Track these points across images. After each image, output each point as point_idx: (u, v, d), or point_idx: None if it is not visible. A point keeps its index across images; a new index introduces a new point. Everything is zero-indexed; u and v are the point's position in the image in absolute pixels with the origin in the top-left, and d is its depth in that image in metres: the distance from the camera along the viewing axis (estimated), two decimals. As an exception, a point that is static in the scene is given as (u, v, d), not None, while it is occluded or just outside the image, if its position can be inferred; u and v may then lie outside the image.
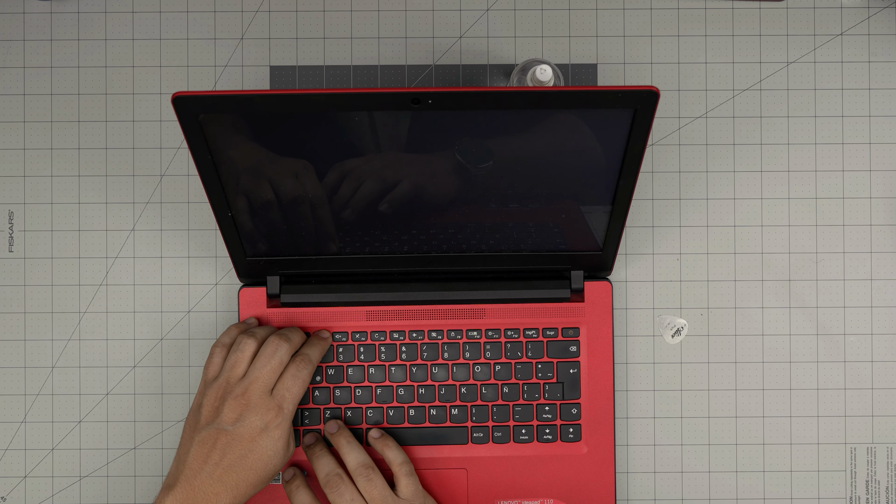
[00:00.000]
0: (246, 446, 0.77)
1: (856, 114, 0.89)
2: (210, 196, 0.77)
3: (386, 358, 0.86)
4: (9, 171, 0.88)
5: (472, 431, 0.86)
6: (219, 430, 0.77)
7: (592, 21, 0.89)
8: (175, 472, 0.77)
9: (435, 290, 0.86)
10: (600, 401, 0.86)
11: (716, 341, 0.88)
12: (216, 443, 0.77)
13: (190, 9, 0.89)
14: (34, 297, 0.88)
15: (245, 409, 0.78)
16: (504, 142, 0.74)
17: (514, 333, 0.86)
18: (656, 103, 0.70)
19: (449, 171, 0.76)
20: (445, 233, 0.82)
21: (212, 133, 0.73)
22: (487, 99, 0.70)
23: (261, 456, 0.77)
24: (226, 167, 0.75)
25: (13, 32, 0.89)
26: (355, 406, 0.86)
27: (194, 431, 0.78)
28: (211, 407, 0.79)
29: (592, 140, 0.74)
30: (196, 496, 0.75)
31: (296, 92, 0.70)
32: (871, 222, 0.89)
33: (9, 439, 0.88)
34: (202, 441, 0.77)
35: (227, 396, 0.78)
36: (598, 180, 0.77)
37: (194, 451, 0.77)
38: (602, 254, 0.83)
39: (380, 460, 0.84)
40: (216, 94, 0.70)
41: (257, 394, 0.78)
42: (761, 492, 0.88)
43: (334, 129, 0.73)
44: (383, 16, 0.89)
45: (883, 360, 0.88)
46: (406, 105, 0.70)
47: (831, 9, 0.89)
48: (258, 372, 0.79)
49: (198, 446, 0.77)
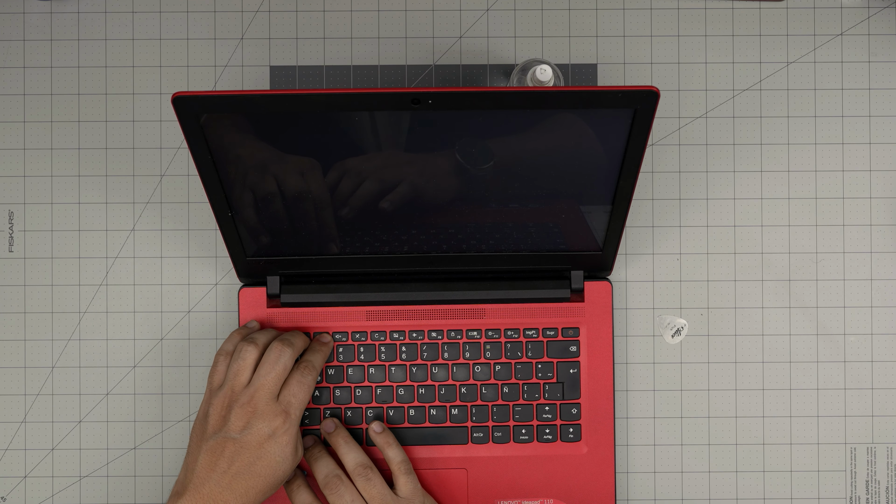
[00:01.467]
0: (254, 453, 0.77)
1: (856, 114, 0.89)
2: (210, 196, 0.77)
3: (386, 358, 0.86)
4: (9, 171, 0.88)
5: (472, 431, 0.86)
6: (226, 439, 0.77)
7: (592, 21, 0.89)
8: (184, 479, 0.77)
9: (435, 290, 0.86)
10: (600, 401, 0.86)
11: (716, 341, 0.88)
12: (224, 451, 0.77)
13: (190, 9, 0.89)
14: (34, 297, 0.88)
15: (252, 417, 0.78)
16: (504, 142, 0.74)
17: (514, 333, 0.86)
18: (656, 103, 0.70)
19: (449, 171, 0.76)
20: (445, 233, 0.82)
21: (212, 133, 0.73)
22: (487, 99, 0.70)
23: (269, 462, 0.77)
24: (226, 167, 0.75)
25: (13, 32, 0.89)
26: (355, 406, 0.86)
27: (202, 440, 0.78)
28: (218, 416, 0.79)
29: (592, 140, 0.74)
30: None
31: (296, 92, 0.70)
32: (871, 222, 0.89)
33: (9, 439, 0.88)
34: (210, 450, 0.77)
35: (234, 405, 0.78)
36: (598, 180, 0.77)
37: (202, 460, 0.77)
38: (602, 254, 0.83)
39: (379, 460, 0.84)
40: (216, 94, 0.70)
41: (263, 400, 0.78)
42: (761, 492, 0.88)
43: (334, 128, 0.73)
44: (383, 16, 0.89)
45: (883, 360, 0.88)
46: (406, 105, 0.70)
47: (831, 9, 0.89)
48: (263, 379, 0.79)
49: (206, 455, 0.77)
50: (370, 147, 0.74)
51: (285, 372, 0.80)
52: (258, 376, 0.79)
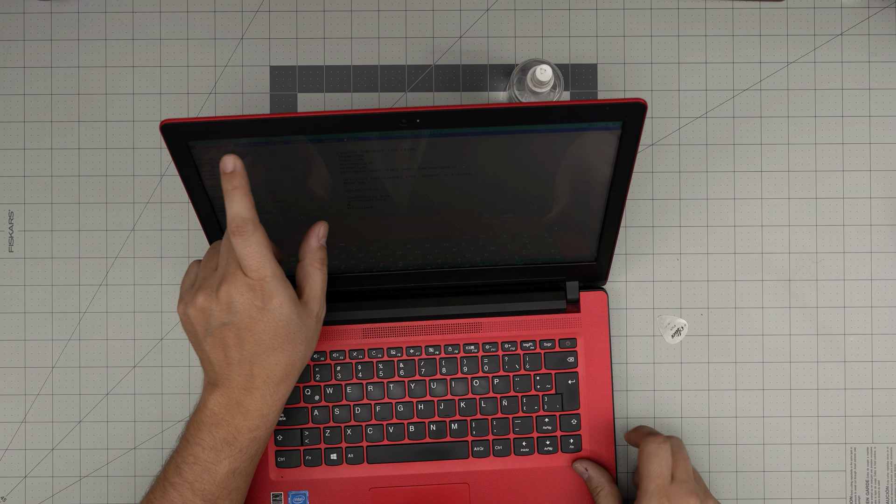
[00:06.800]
0: (256, 328, 0.73)
1: (856, 114, 0.89)
2: (201, 219, 0.77)
3: (384, 375, 0.86)
4: (9, 171, 0.88)
5: (473, 445, 0.86)
6: (222, 326, 0.73)
7: (592, 21, 0.89)
8: (211, 371, 0.75)
9: (431, 305, 0.85)
10: (600, 410, 0.86)
11: (716, 341, 0.88)
12: (226, 340, 0.73)
13: (190, 9, 0.89)
14: (34, 297, 0.88)
15: (230, 296, 0.72)
16: (496, 156, 0.74)
17: (511, 346, 0.86)
18: (644, 115, 0.70)
19: (441, 186, 0.76)
20: (439, 247, 0.81)
21: (201, 158, 0.72)
22: (475, 116, 0.70)
23: (276, 330, 0.73)
24: (216, 191, 0.75)
25: (13, 32, 0.89)
26: (355, 424, 0.85)
27: (201, 341, 0.75)
28: (200, 310, 0.74)
29: (583, 152, 0.74)
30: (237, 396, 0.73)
31: (283, 116, 0.70)
32: (871, 222, 0.89)
33: (9, 439, 0.88)
34: (214, 346, 0.74)
35: (209, 293, 0.73)
36: (589, 191, 0.77)
37: (214, 356, 0.74)
38: (596, 263, 0.83)
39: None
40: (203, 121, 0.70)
41: (232, 275, 0.72)
42: (761, 492, 0.88)
43: (324, 151, 0.73)
44: (383, 16, 0.89)
45: (883, 360, 0.88)
46: (395, 126, 0.70)
47: (831, 9, 0.89)
48: (223, 259, 0.74)
49: (214, 351, 0.74)
50: (361, 166, 0.74)
51: (231, 249, 0.73)
52: (220, 261, 0.74)
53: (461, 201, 0.77)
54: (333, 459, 0.86)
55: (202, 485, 0.74)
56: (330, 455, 0.86)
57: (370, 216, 0.77)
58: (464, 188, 0.76)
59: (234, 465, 0.75)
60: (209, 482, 0.74)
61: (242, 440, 0.74)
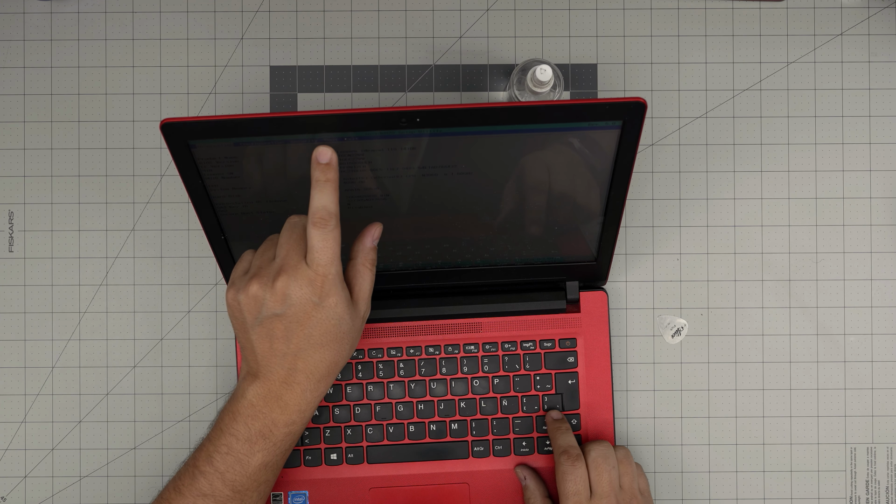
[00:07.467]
0: (307, 324, 0.72)
1: (856, 114, 0.89)
2: (202, 219, 0.77)
3: (384, 375, 0.86)
4: (9, 171, 0.88)
5: (473, 445, 0.86)
6: (272, 317, 0.72)
7: (592, 21, 0.89)
8: (252, 361, 0.74)
9: (431, 305, 0.85)
10: (600, 410, 0.86)
11: (716, 341, 0.88)
12: (274, 331, 0.72)
13: (190, 9, 0.89)
14: (34, 297, 0.88)
15: (287, 287, 0.71)
16: (495, 156, 0.74)
17: (511, 346, 0.86)
18: (644, 114, 0.70)
19: (441, 187, 0.76)
20: (439, 247, 0.81)
21: (201, 157, 0.72)
22: (475, 115, 0.70)
23: (327, 328, 0.72)
24: (216, 191, 0.75)
25: (13, 32, 0.89)
26: (355, 424, 0.85)
27: (248, 329, 0.73)
28: (252, 299, 0.72)
29: (583, 152, 0.74)
30: (276, 389, 0.73)
31: (282, 115, 0.70)
32: (871, 222, 0.89)
33: (9, 439, 0.88)
34: (261, 336, 0.73)
35: (264, 282, 0.72)
36: (589, 192, 0.77)
37: (259, 346, 0.73)
38: (596, 263, 0.83)
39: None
40: (204, 120, 0.70)
41: (292, 266, 0.71)
42: (761, 492, 0.88)
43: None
44: (383, 16, 0.89)
45: (883, 360, 0.88)
46: (394, 125, 0.70)
47: (831, 9, 0.89)
48: (283, 250, 0.72)
49: (259, 341, 0.73)
50: (361, 166, 0.74)
51: (302, 238, 0.73)
52: (280, 251, 0.73)
53: (461, 201, 0.77)
54: (333, 459, 0.86)
55: (233, 475, 0.73)
56: (330, 455, 0.86)
57: (370, 216, 0.77)
58: (464, 188, 0.76)
59: (267, 459, 0.74)
60: (240, 473, 0.73)
61: (278, 434, 0.74)
